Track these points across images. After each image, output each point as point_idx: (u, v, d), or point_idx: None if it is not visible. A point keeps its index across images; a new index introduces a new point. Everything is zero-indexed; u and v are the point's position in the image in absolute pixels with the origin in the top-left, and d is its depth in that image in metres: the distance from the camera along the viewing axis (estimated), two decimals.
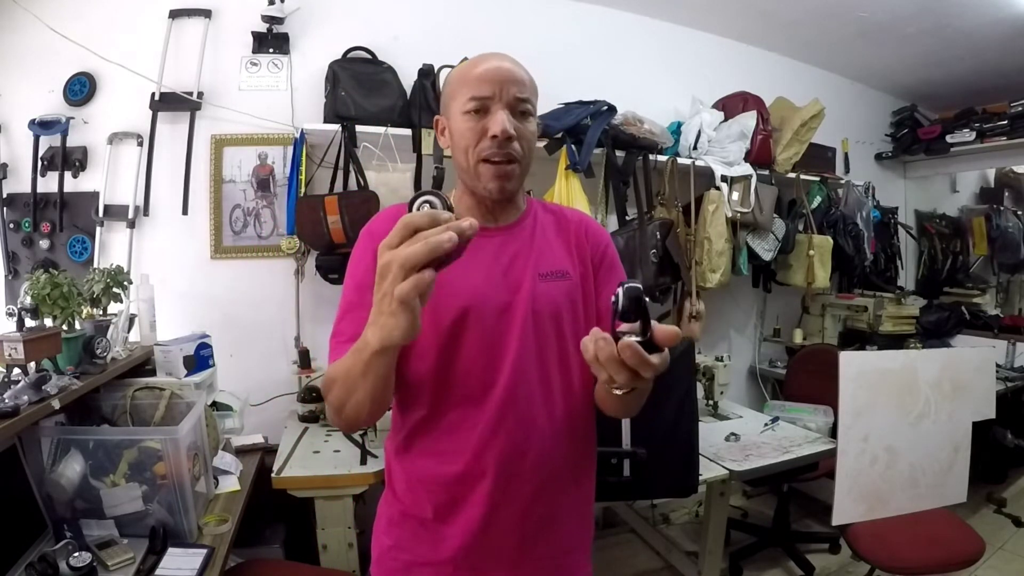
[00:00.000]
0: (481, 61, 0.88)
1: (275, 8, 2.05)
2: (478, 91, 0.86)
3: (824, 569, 2.36)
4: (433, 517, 0.87)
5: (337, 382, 0.76)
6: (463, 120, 0.87)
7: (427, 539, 0.89)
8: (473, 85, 0.86)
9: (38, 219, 1.96)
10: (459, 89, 0.88)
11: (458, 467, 0.85)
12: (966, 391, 1.65)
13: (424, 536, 0.89)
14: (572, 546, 0.95)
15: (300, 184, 2.01)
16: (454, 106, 0.89)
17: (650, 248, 2.26)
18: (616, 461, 1.43)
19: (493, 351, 0.85)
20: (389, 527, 0.93)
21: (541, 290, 0.89)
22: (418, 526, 0.89)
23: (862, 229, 2.92)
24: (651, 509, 2.54)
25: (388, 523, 0.94)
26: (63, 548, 1.13)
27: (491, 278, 0.88)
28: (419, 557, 0.89)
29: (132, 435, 1.38)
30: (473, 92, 0.86)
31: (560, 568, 0.93)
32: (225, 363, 1.94)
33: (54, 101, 1.96)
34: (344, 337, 0.83)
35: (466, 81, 0.87)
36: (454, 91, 0.89)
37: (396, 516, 0.92)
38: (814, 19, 2.73)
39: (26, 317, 1.26)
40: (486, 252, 0.89)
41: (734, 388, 2.77)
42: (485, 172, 0.87)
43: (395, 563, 0.92)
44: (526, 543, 0.88)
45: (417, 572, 0.90)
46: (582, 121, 2.22)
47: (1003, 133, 3.17)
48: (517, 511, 0.87)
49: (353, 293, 0.87)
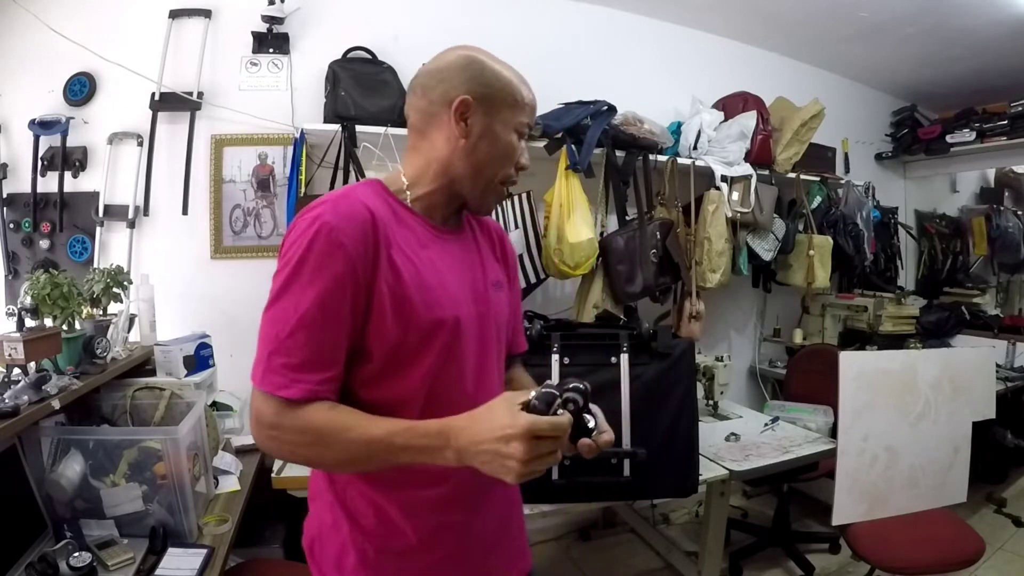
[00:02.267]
0: (525, 86, 0.87)
1: (275, 8, 2.05)
2: (529, 118, 0.88)
3: (824, 569, 2.36)
4: (418, 544, 0.82)
5: (324, 442, 0.72)
6: (513, 137, 0.86)
7: (414, 567, 0.83)
8: (527, 111, 0.87)
9: (38, 219, 1.96)
10: (515, 102, 0.85)
11: (443, 488, 0.82)
12: (966, 391, 1.65)
13: (410, 565, 0.83)
14: (519, 522, 1.01)
15: (300, 184, 2.00)
16: (507, 116, 0.85)
17: (650, 248, 2.26)
18: (616, 461, 1.43)
19: (465, 363, 0.84)
20: (362, 568, 0.82)
21: (495, 300, 0.91)
22: (400, 557, 0.82)
23: (862, 229, 2.92)
24: (651, 509, 2.54)
25: (361, 564, 0.81)
26: (63, 548, 1.13)
27: (463, 288, 0.86)
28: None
29: (132, 435, 1.39)
30: (527, 118, 0.87)
31: (520, 548, 0.99)
32: (225, 363, 1.94)
33: (54, 101, 1.96)
34: (296, 359, 0.72)
35: (521, 102, 0.86)
36: (508, 99, 0.84)
37: (371, 555, 0.81)
38: (814, 19, 2.74)
39: (26, 317, 1.26)
40: (453, 258, 0.87)
41: (734, 388, 2.77)
42: (496, 193, 0.89)
43: None
44: (497, 535, 0.92)
45: None
46: (582, 121, 2.22)
47: (1003, 133, 3.17)
48: (492, 514, 0.90)
49: (315, 307, 0.73)
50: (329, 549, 0.83)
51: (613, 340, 1.49)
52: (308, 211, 0.77)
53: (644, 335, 1.49)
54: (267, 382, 0.72)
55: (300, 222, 0.76)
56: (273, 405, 0.72)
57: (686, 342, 1.54)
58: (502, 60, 0.88)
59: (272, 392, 0.72)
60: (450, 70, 0.84)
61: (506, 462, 0.65)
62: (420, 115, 0.87)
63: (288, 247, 0.76)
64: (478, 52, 0.86)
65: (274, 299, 0.75)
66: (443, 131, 0.84)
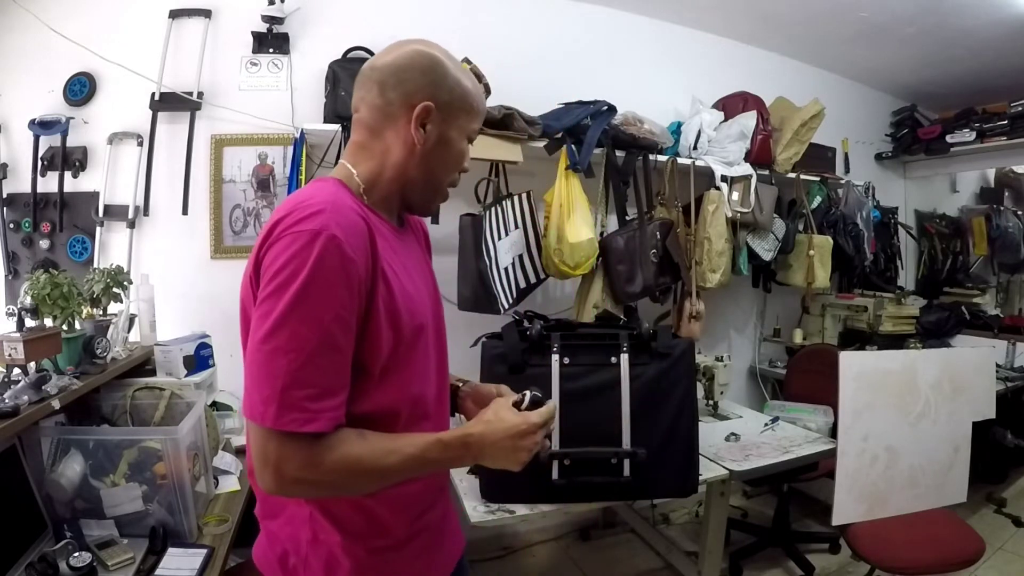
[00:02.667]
0: (480, 93, 0.88)
1: (275, 8, 2.05)
2: (479, 125, 0.89)
3: (824, 569, 2.36)
4: (405, 538, 0.84)
5: (367, 472, 0.72)
6: (465, 143, 0.87)
7: (403, 559, 0.85)
8: (479, 116, 0.88)
9: (38, 219, 1.96)
10: (471, 109, 0.86)
11: (422, 483, 0.86)
12: (966, 391, 1.65)
13: (399, 558, 0.85)
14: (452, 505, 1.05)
15: (300, 184, 2.00)
16: (462, 122, 0.85)
17: (650, 248, 2.26)
18: (616, 461, 1.43)
19: (430, 363, 0.87)
20: (357, 572, 0.80)
21: (438, 296, 0.96)
22: (390, 552, 0.83)
23: (862, 229, 2.92)
24: (651, 509, 2.54)
25: (355, 568, 0.80)
26: (63, 548, 1.13)
27: (425, 289, 0.89)
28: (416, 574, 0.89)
29: (132, 435, 1.38)
30: (478, 125, 0.88)
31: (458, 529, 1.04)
32: (225, 363, 1.94)
33: (54, 101, 1.96)
34: (316, 389, 0.67)
35: (476, 110, 0.87)
36: (466, 106, 0.85)
37: (363, 557, 0.81)
38: (814, 19, 2.74)
39: (26, 317, 1.26)
40: (413, 260, 0.89)
41: (734, 388, 2.77)
42: (442, 196, 0.90)
43: None
44: (448, 519, 0.97)
45: None
46: (582, 121, 2.22)
47: (1003, 133, 3.17)
48: (445, 501, 0.97)
49: (334, 329, 0.69)
50: (314, 564, 0.80)
51: (613, 340, 1.49)
52: (301, 222, 0.69)
53: (644, 335, 1.49)
54: (286, 421, 0.66)
55: (298, 235, 0.68)
56: (301, 445, 0.67)
57: (686, 342, 1.54)
58: (455, 58, 0.86)
59: (296, 430, 0.66)
60: (411, 71, 0.81)
61: (519, 454, 0.78)
62: (375, 113, 0.83)
63: (286, 263, 0.68)
64: (438, 52, 0.84)
65: (278, 325, 0.67)
66: (400, 134, 0.82)
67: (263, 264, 0.71)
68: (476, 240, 2.00)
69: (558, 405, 1.19)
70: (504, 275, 2.09)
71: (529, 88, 2.26)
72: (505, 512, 1.42)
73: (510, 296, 2.10)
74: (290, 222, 0.70)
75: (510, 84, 2.13)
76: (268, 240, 0.71)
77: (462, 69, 0.86)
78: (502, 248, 2.08)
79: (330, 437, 0.69)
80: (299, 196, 0.75)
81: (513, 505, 1.44)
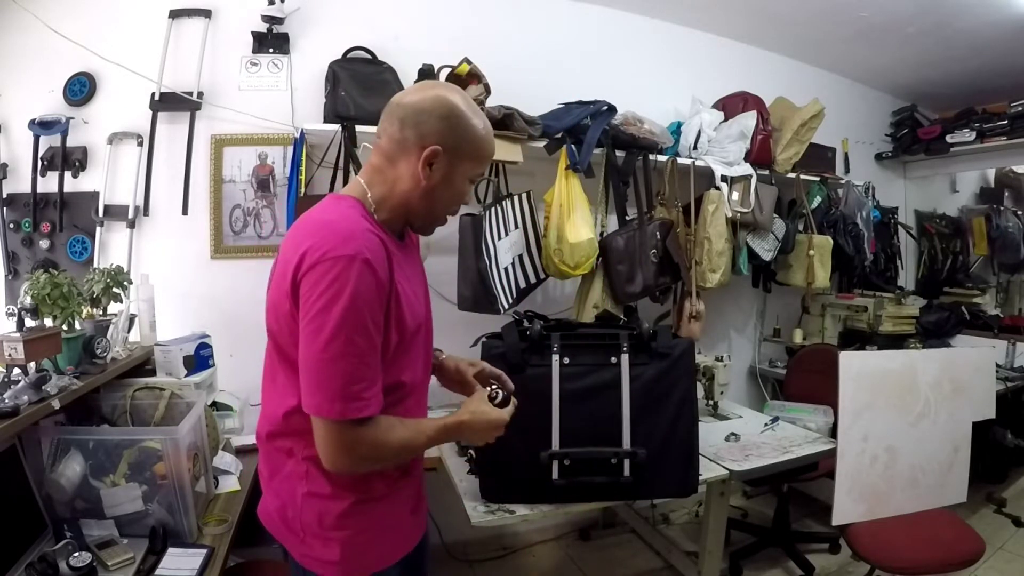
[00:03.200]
0: (491, 140, 0.99)
1: (275, 8, 2.05)
2: (485, 169, 1.02)
3: (824, 569, 2.36)
4: (387, 492, 0.99)
5: (410, 447, 0.94)
6: (466, 185, 0.99)
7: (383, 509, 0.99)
8: (486, 161, 1.00)
9: (38, 219, 1.96)
10: (478, 156, 0.97)
11: None
12: (966, 391, 1.65)
13: (380, 507, 0.99)
14: None
15: (300, 184, 2.00)
16: (467, 167, 0.97)
17: (650, 248, 2.26)
18: (616, 461, 1.43)
19: (420, 358, 1.04)
20: (345, 517, 0.94)
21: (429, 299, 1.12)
22: (374, 503, 0.98)
23: (862, 229, 2.92)
24: (651, 509, 2.54)
25: (344, 514, 0.94)
26: (63, 548, 1.13)
27: (422, 294, 1.06)
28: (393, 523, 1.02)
29: (132, 435, 1.38)
30: (484, 170, 1.02)
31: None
32: (225, 363, 1.94)
33: (54, 101, 1.96)
34: (368, 382, 0.85)
35: (483, 157, 0.99)
36: (473, 153, 0.96)
37: (349, 507, 0.95)
38: (814, 19, 2.73)
39: (26, 317, 1.26)
40: (412, 269, 1.03)
41: (734, 388, 2.78)
42: (440, 222, 1.03)
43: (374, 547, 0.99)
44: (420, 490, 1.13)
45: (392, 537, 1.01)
46: (582, 121, 2.22)
47: (1003, 133, 3.17)
48: (419, 469, 1.12)
49: (376, 333, 0.86)
50: (308, 514, 0.95)
51: (613, 340, 1.49)
52: (338, 247, 0.83)
53: (644, 335, 1.49)
54: (351, 410, 0.83)
55: (337, 260, 0.82)
56: (365, 429, 0.86)
57: (686, 342, 1.54)
58: (476, 107, 0.97)
59: (357, 416, 0.84)
60: (430, 115, 0.92)
61: (488, 437, 1.03)
62: (392, 144, 0.94)
63: (331, 283, 0.82)
64: (459, 100, 0.94)
65: (333, 337, 0.82)
66: (409, 168, 0.93)
67: (305, 285, 0.84)
68: (476, 240, 2.00)
69: (558, 405, 1.35)
70: (504, 275, 2.09)
71: (529, 88, 2.26)
72: (505, 512, 1.42)
73: (510, 296, 2.10)
74: (327, 247, 0.83)
75: (510, 84, 2.14)
76: (306, 264, 0.84)
77: (479, 115, 0.96)
78: (502, 248, 2.08)
79: (380, 421, 0.88)
80: (326, 219, 0.89)
81: (513, 505, 1.44)
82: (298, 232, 0.90)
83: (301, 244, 0.85)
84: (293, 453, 0.96)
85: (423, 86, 1.00)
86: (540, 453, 1.40)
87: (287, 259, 0.87)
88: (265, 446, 1.01)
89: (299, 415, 0.89)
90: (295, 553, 0.98)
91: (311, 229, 0.88)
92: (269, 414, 0.98)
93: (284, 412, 0.93)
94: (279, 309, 0.90)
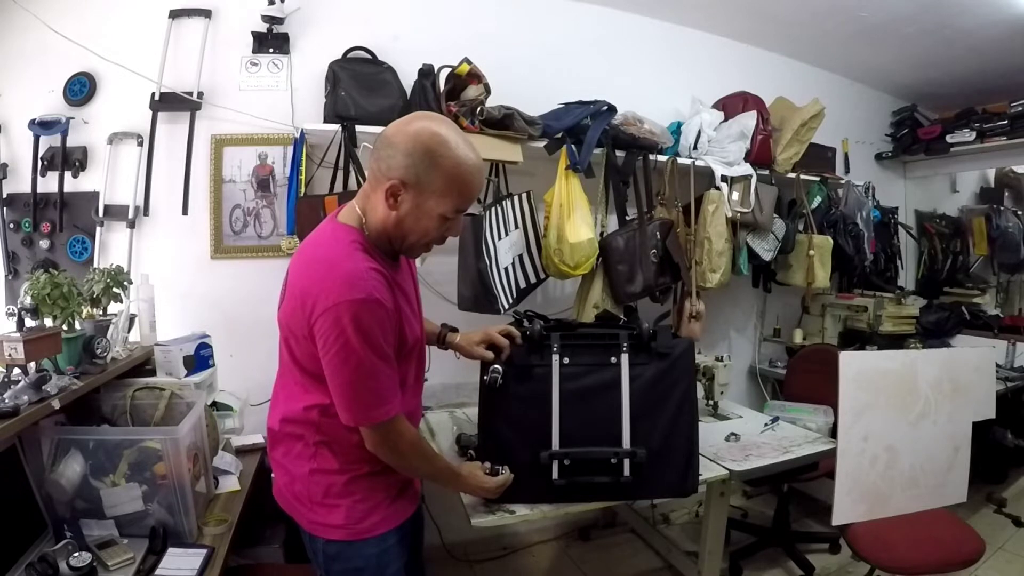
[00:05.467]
0: (477, 176, 1.02)
1: (275, 8, 2.05)
2: (467, 205, 1.05)
3: (824, 569, 2.36)
4: (381, 470, 1.11)
5: (422, 464, 1.16)
6: (436, 220, 1.02)
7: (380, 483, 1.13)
8: (467, 199, 1.03)
9: (38, 219, 1.96)
10: (445, 192, 0.99)
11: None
12: (966, 391, 1.65)
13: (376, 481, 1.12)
14: None
15: (300, 184, 2.01)
16: (433, 204, 1.00)
17: (650, 248, 2.26)
18: (616, 461, 1.43)
19: (412, 366, 1.17)
20: (347, 487, 1.09)
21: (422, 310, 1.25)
22: (374, 475, 1.11)
23: (862, 229, 2.92)
24: (651, 509, 2.54)
25: (345, 487, 1.09)
26: (63, 548, 1.13)
27: (417, 310, 1.19)
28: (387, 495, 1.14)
29: (132, 435, 1.38)
30: (463, 205, 1.03)
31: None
32: (225, 363, 1.94)
33: (54, 101, 1.96)
34: (392, 391, 1.03)
35: (453, 191, 1.00)
36: (441, 190, 0.98)
37: (352, 478, 1.10)
38: (814, 19, 2.73)
39: (26, 317, 1.26)
40: (407, 287, 1.14)
41: (734, 388, 2.77)
42: (424, 248, 1.10)
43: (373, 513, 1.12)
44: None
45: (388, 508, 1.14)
46: (582, 121, 2.22)
47: (1003, 133, 3.17)
48: None
49: (390, 350, 1.02)
50: (315, 488, 1.10)
51: (613, 340, 1.49)
52: (350, 291, 0.94)
53: (644, 335, 1.49)
54: (381, 414, 1.01)
55: (352, 303, 0.94)
56: (399, 427, 1.06)
57: (686, 342, 1.54)
58: (461, 143, 0.99)
59: (386, 418, 1.02)
60: (396, 149, 0.97)
61: (476, 493, 1.32)
62: (371, 174, 1.03)
63: (349, 322, 0.94)
64: (441, 136, 0.97)
65: (360, 362, 0.96)
66: (380, 197, 1.00)
67: (321, 327, 0.96)
68: (476, 240, 2.00)
69: (558, 405, 1.40)
70: (504, 275, 2.09)
71: (529, 88, 2.26)
72: (505, 512, 1.42)
73: (510, 296, 2.10)
74: (337, 294, 0.94)
75: (510, 84, 2.14)
76: (319, 309, 0.95)
77: (459, 155, 0.98)
78: (502, 248, 2.08)
79: (414, 432, 1.13)
80: (332, 260, 0.98)
81: (513, 505, 1.43)
82: (308, 272, 1.00)
83: (311, 288, 0.97)
84: (303, 438, 1.10)
85: (413, 117, 1.03)
86: (540, 453, 1.40)
87: (299, 297, 0.99)
88: (277, 430, 1.14)
89: (316, 410, 1.06)
90: (303, 522, 1.12)
91: (320, 273, 0.97)
92: (285, 404, 1.12)
93: (304, 406, 1.07)
94: (295, 332, 1.03)
